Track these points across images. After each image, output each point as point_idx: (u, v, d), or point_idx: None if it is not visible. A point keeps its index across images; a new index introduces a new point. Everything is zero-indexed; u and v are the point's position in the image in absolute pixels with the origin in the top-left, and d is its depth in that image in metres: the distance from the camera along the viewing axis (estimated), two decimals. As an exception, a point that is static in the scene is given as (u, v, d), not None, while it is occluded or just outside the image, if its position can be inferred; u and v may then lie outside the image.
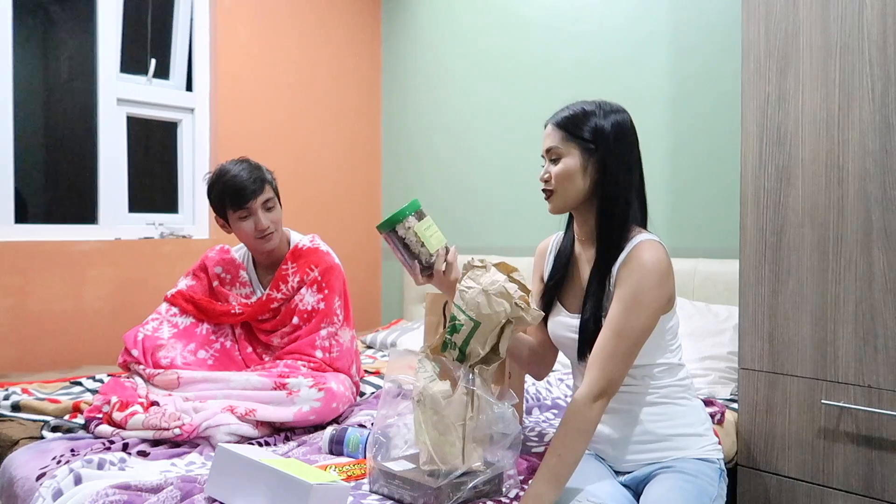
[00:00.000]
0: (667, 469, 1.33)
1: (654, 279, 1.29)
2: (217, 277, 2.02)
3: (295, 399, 1.71)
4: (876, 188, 1.60)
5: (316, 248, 1.99)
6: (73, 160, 2.94)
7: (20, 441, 1.62)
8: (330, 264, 1.97)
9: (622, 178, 1.37)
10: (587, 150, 1.36)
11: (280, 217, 1.94)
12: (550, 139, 1.40)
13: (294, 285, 1.95)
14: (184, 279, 2.04)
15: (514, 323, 1.27)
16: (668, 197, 2.62)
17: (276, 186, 1.96)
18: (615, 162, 1.36)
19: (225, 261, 2.04)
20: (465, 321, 1.25)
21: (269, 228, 1.90)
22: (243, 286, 2.02)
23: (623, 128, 1.39)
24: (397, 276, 3.67)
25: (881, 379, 1.60)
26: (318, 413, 1.73)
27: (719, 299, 2.40)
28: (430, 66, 3.51)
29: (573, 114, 1.39)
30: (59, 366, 2.49)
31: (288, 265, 1.96)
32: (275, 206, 1.93)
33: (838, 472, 1.67)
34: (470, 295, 1.25)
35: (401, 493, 1.25)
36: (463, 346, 1.26)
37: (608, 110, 1.39)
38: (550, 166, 1.40)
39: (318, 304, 1.93)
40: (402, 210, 1.39)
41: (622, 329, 1.27)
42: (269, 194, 1.90)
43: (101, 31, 2.71)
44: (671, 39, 2.64)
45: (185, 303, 1.98)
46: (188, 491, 1.27)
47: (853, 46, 1.63)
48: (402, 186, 3.65)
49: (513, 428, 1.26)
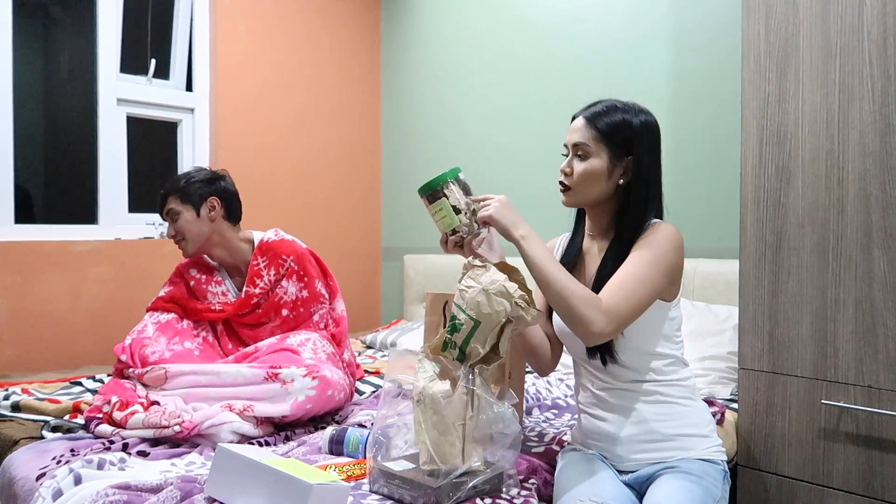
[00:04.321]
0: (671, 469, 1.33)
1: (670, 243, 1.33)
2: (193, 278, 2.07)
3: (289, 389, 1.71)
4: (876, 188, 1.60)
5: (282, 239, 2.07)
6: (73, 160, 2.94)
7: (20, 441, 1.62)
8: (300, 252, 2.04)
9: (649, 181, 1.39)
10: (616, 154, 1.37)
11: (186, 225, 1.99)
12: (580, 134, 1.38)
13: (271, 278, 2.01)
14: (162, 289, 2.09)
15: (514, 322, 1.27)
16: (669, 197, 2.59)
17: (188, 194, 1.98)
18: (643, 164, 1.37)
19: (198, 263, 2.11)
20: (465, 320, 1.25)
21: (177, 237, 2.01)
22: (218, 284, 2.07)
23: (652, 129, 1.40)
24: (397, 276, 3.67)
25: (881, 379, 1.60)
26: (314, 402, 1.73)
27: (719, 299, 2.40)
28: (429, 65, 3.51)
29: (607, 111, 1.38)
30: (59, 366, 2.49)
31: (258, 260, 2.02)
32: (179, 214, 1.98)
33: (838, 472, 1.66)
34: (470, 294, 1.25)
35: (401, 493, 1.25)
36: (463, 346, 1.26)
37: (639, 110, 1.40)
38: (575, 161, 1.39)
39: (300, 292, 2.00)
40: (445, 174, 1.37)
41: (636, 272, 1.28)
42: (171, 205, 1.99)
43: (101, 31, 2.72)
44: (671, 39, 2.64)
45: (167, 303, 2.03)
46: (188, 491, 1.27)
47: (853, 46, 1.63)
48: (403, 186, 3.65)
49: (513, 428, 1.26)
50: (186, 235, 1.99)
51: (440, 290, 2.45)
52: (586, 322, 1.22)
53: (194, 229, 1.99)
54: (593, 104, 1.42)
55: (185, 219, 1.98)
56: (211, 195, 2.00)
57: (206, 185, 2.01)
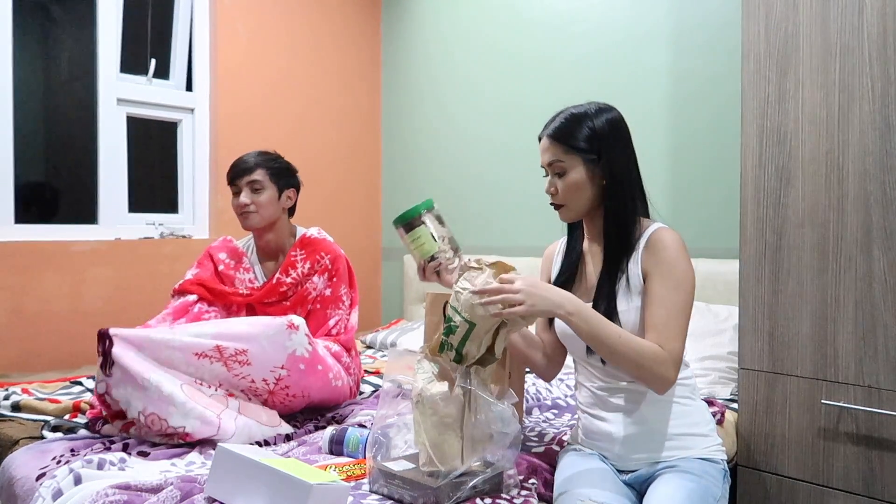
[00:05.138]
0: (671, 469, 1.33)
1: (684, 257, 1.34)
2: (222, 262, 2.10)
3: (293, 336, 1.72)
4: (876, 188, 1.60)
5: (324, 238, 2.12)
6: (73, 160, 2.94)
7: (20, 441, 1.62)
8: (337, 253, 2.09)
9: (626, 178, 1.39)
10: (590, 159, 1.37)
11: (265, 201, 2.03)
12: (550, 153, 1.40)
13: (305, 271, 2.04)
14: (190, 271, 2.10)
15: (509, 325, 1.27)
16: (669, 197, 2.62)
17: (279, 175, 2.06)
18: (617, 163, 1.37)
19: (228, 248, 2.13)
20: (460, 322, 1.25)
21: (249, 207, 2.01)
22: (247, 271, 2.10)
23: (617, 126, 1.40)
24: (397, 276, 3.67)
25: (881, 379, 1.60)
26: (307, 364, 1.75)
27: (719, 299, 2.40)
28: (430, 65, 3.51)
29: (567, 123, 1.39)
30: (59, 366, 2.49)
31: (297, 251, 2.06)
32: (262, 189, 2.02)
33: (838, 472, 1.67)
34: (465, 296, 1.25)
35: (401, 493, 1.25)
36: (459, 348, 1.26)
37: (598, 111, 1.40)
38: (556, 180, 1.40)
39: (325, 289, 2.04)
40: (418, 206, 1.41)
41: (674, 306, 1.30)
42: (258, 176, 2.02)
43: (101, 31, 2.72)
44: (671, 39, 2.64)
45: (193, 286, 2.04)
46: (188, 491, 1.27)
47: (853, 46, 1.63)
48: (402, 186, 3.65)
49: (512, 427, 1.26)
50: (260, 211, 2.02)
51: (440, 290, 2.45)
52: (663, 380, 1.27)
53: (270, 209, 2.04)
54: (552, 120, 1.42)
55: (266, 195, 2.03)
56: (291, 186, 2.10)
57: (291, 176, 2.11)
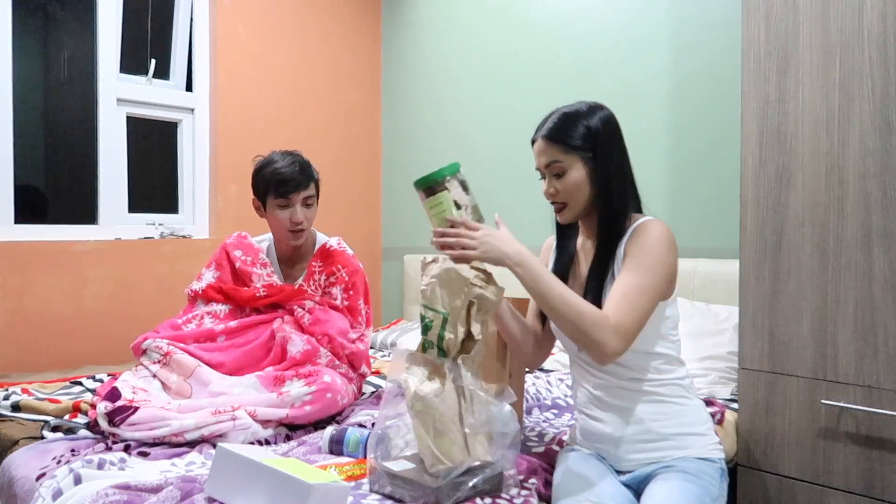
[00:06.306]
0: (668, 468, 1.33)
1: (663, 245, 1.32)
2: (238, 259, 2.07)
3: (285, 399, 1.73)
4: (876, 188, 1.60)
5: (343, 250, 2.10)
6: (73, 160, 2.94)
7: (20, 441, 1.62)
8: (356, 267, 2.08)
9: (619, 173, 1.39)
10: (587, 158, 1.37)
11: (314, 216, 2.03)
12: (547, 154, 1.39)
13: (322, 283, 2.03)
14: (207, 271, 2.08)
15: (477, 303, 1.27)
16: (668, 197, 2.62)
17: (318, 188, 2.05)
18: (612, 160, 1.38)
19: (244, 245, 2.11)
20: (433, 316, 1.28)
21: (303, 224, 1.98)
22: (264, 266, 2.07)
23: (610, 123, 1.40)
24: (397, 276, 3.67)
25: (881, 379, 1.60)
26: (312, 405, 1.75)
27: (719, 299, 2.40)
28: (429, 65, 3.51)
29: (561, 123, 1.39)
30: (59, 366, 2.49)
31: (317, 262, 2.05)
32: (313, 204, 2.02)
33: (838, 472, 1.66)
34: (430, 290, 1.26)
35: (401, 493, 1.25)
36: (439, 342, 1.28)
37: (590, 109, 1.40)
38: (555, 181, 1.40)
39: (343, 301, 2.03)
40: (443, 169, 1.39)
41: (636, 283, 1.28)
42: (311, 191, 2.00)
43: (101, 31, 2.72)
44: (671, 39, 2.64)
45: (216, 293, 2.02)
46: (188, 491, 1.27)
47: (853, 46, 1.63)
48: (403, 186, 3.65)
49: (511, 427, 1.26)
50: (310, 225, 2.02)
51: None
52: (600, 345, 1.23)
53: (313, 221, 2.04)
54: (544, 121, 1.42)
55: (315, 209, 2.03)
56: None
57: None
